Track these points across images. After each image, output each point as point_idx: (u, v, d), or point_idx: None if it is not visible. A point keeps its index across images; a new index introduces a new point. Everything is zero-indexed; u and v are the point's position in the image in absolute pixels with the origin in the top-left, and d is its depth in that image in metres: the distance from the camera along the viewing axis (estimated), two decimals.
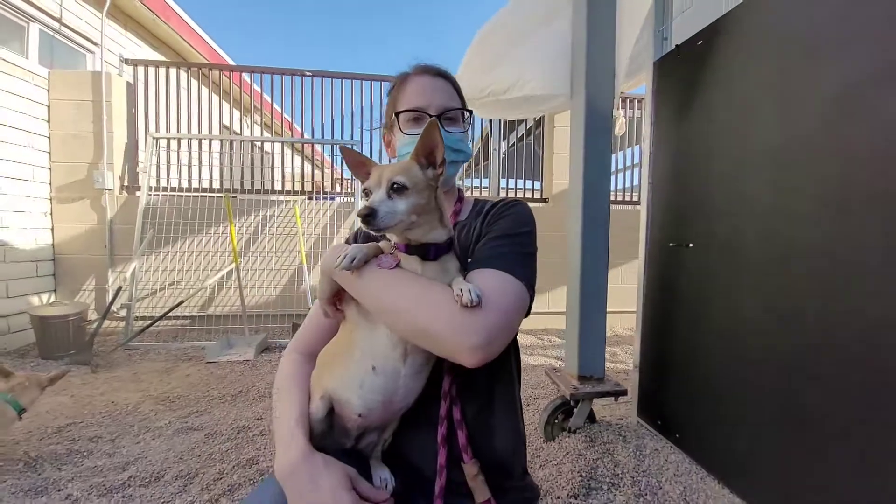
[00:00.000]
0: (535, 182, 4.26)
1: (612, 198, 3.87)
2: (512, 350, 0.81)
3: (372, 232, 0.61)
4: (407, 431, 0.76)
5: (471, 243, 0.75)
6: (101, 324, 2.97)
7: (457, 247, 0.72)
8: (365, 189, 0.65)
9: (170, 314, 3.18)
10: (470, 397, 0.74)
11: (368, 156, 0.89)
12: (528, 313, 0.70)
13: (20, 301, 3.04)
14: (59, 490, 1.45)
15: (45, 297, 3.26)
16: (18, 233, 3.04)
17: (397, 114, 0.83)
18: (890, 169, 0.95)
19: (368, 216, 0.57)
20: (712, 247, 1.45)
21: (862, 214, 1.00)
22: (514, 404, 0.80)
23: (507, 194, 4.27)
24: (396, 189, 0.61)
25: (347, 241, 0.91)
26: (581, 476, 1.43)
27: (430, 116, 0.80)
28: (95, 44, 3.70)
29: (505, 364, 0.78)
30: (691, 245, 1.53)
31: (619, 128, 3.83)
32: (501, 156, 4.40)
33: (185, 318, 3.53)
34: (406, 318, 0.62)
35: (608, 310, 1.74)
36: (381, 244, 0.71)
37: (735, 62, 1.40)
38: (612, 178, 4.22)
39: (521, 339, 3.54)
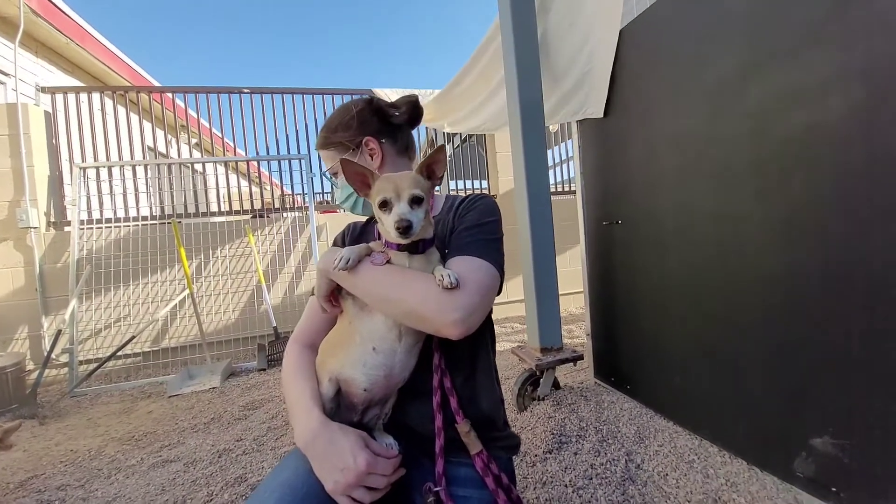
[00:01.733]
0: (481, 181, 4.48)
1: (552, 190, 4.22)
2: (487, 325, 0.95)
3: (404, 241, 0.72)
4: (405, 402, 0.88)
5: (446, 235, 0.88)
6: (43, 372, 2.75)
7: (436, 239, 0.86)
8: (385, 200, 0.72)
9: (119, 353, 3.00)
10: (456, 368, 0.87)
11: (319, 168, 1.04)
12: (500, 290, 0.84)
13: None
14: None
15: None
16: None
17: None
18: (761, 147, 1.22)
19: (409, 228, 0.69)
20: (636, 221, 1.71)
21: (742, 184, 1.27)
22: (491, 371, 0.94)
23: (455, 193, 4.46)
24: (416, 201, 0.72)
25: (336, 243, 1.02)
26: (552, 434, 1.61)
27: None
28: (7, 74, 3.40)
29: (482, 338, 0.92)
30: (620, 221, 1.78)
31: (553, 127, 4.17)
32: (448, 158, 4.60)
33: (136, 355, 3.34)
34: (399, 304, 0.74)
35: (560, 292, 1.95)
36: (372, 244, 0.83)
37: (639, 64, 1.66)
38: (552, 171, 4.57)
39: None
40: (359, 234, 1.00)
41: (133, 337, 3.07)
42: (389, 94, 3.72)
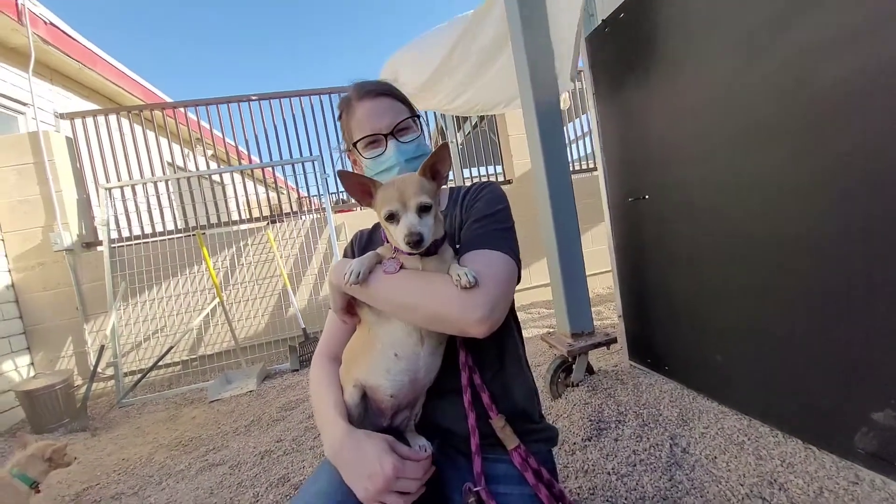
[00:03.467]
0: (495, 167, 4.40)
1: (571, 167, 4.09)
2: (510, 317, 0.92)
3: (415, 252, 0.68)
4: (436, 402, 0.86)
5: (455, 230, 0.84)
6: (91, 386, 2.89)
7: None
8: (391, 213, 0.68)
9: (160, 363, 3.12)
10: (484, 364, 0.84)
11: (332, 167, 0.97)
12: (519, 279, 0.80)
13: (2, 380, 2.90)
14: None
15: (24, 371, 3.12)
16: None
17: (355, 143, 0.89)
18: (797, 102, 1.12)
19: (419, 241, 0.65)
20: (665, 194, 1.62)
21: (780, 143, 1.17)
22: (521, 362, 0.91)
23: (469, 182, 4.40)
24: (423, 209, 0.68)
25: (346, 254, 0.99)
26: (590, 421, 1.57)
27: (385, 136, 0.87)
28: (25, 104, 3.53)
29: (507, 329, 0.89)
30: (647, 197, 1.70)
31: (564, 102, 4.03)
32: (459, 146, 4.52)
33: (175, 364, 3.47)
34: (419, 311, 0.71)
35: (587, 273, 1.89)
36: (380, 250, 0.80)
37: (656, 29, 1.55)
38: (569, 148, 4.43)
39: None
40: (366, 243, 0.97)
41: (171, 347, 3.19)
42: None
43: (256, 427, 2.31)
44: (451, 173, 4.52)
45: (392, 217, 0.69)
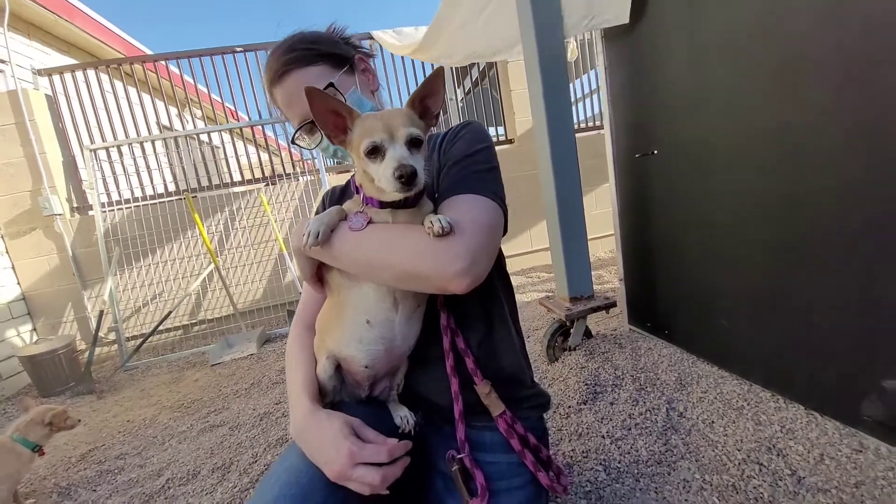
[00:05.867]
0: (497, 127, 4.20)
1: (576, 126, 3.89)
2: (497, 277, 0.84)
3: (407, 193, 0.57)
4: (418, 371, 0.81)
5: (433, 178, 0.74)
6: (93, 351, 2.92)
7: None
8: (375, 145, 0.56)
9: (160, 327, 3.14)
10: (469, 327, 0.78)
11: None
12: (505, 228, 0.71)
13: (4, 346, 2.94)
14: None
15: (26, 336, 3.15)
16: None
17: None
18: (836, 34, 0.98)
19: (413, 176, 0.53)
20: (676, 149, 1.50)
21: (813, 84, 1.05)
22: (509, 323, 0.83)
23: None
24: (414, 142, 0.57)
25: (316, 213, 0.90)
26: (586, 384, 1.55)
27: (312, 122, 0.75)
28: (3, 61, 3.33)
29: (493, 288, 0.81)
30: (655, 152, 1.58)
31: (571, 53, 3.76)
32: (459, 105, 4.30)
33: (177, 328, 3.49)
34: (389, 269, 0.62)
35: (589, 237, 1.80)
36: (346, 205, 0.71)
37: None
38: (574, 107, 4.20)
39: (513, 281, 3.65)
40: (338, 199, 0.87)
41: (170, 312, 3.19)
42: (385, 37, 3.41)
43: (256, 389, 2.34)
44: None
45: (375, 151, 0.57)
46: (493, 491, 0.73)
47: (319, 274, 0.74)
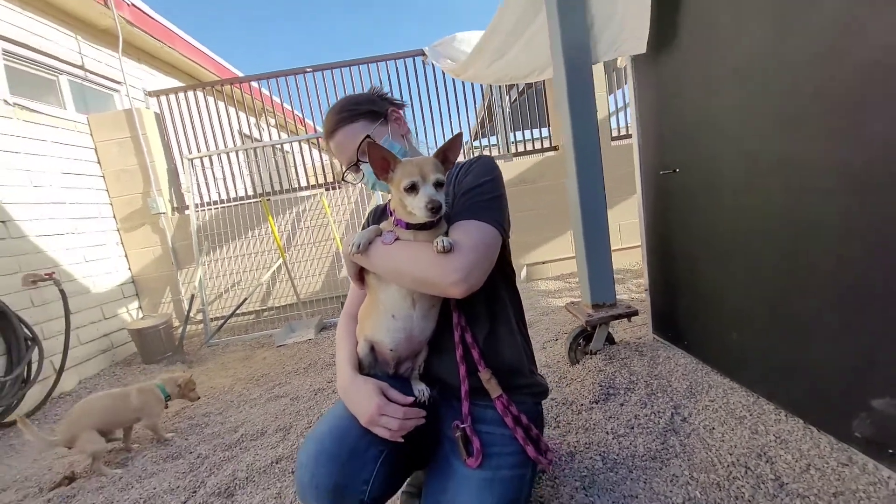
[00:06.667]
0: (541, 130, 4.28)
1: (616, 133, 3.87)
2: (502, 284, 1.03)
3: (433, 218, 0.80)
4: (435, 357, 1.03)
5: (449, 206, 0.94)
6: (185, 328, 3.49)
7: None
8: (413, 184, 0.79)
9: (237, 312, 3.65)
10: (477, 325, 0.98)
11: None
12: (504, 246, 0.91)
13: (116, 320, 3.60)
14: (190, 452, 1.86)
15: (134, 313, 3.82)
16: (101, 263, 3.56)
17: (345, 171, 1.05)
18: (835, 75, 1.05)
19: (439, 208, 0.77)
20: (694, 169, 1.57)
21: (811, 121, 1.11)
22: (512, 324, 1.03)
23: (515, 148, 4.32)
24: (439, 184, 0.80)
25: (364, 226, 1.16)
26: (601, 386, 1.67)
27: (356, 164, 1.00)
28: (118, 82, 4.04)
29: (496, 295, 1.01)
30: (677, 170, 1.65)
31: (621, 60, 3.77)
32: (507, 111, 4.44)
33: (250, 313, 4.02)
34: (408, 275, 0.85)
35: (622, 245, 1.90)
36: (382, 225, 0.95)
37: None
38: (616, 115, 4.17)
39: (549, 285, 3.75)
40: (380, 215, 1.12)
41: (245, 299, 3.70)
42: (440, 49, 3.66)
43: (313, 369, 2.69)
44: (497, 138, 4.50)
45: (412, 188, 0.80)
46: (486, 454, 0.93)
47: (362, 275, 0.99)
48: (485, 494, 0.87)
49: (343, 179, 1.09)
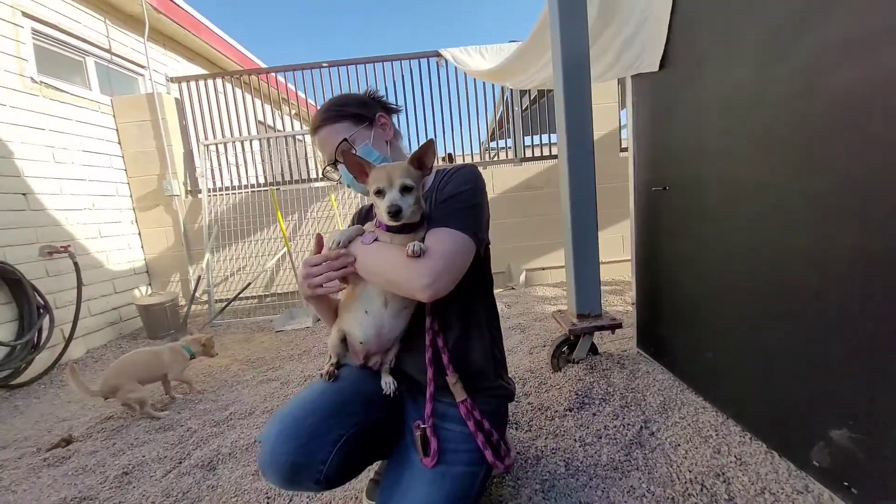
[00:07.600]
0: (549, 136, 4.29)
1: (625, 145, 3.85)
2: (477, 292, 1.07)
3: (395, 223, 0.85)
4: (405, 356, 1.08)
5: (430, 212, 0.98)
6: (190, 307, 3.61)
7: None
8: (379, 189, 0.85)
9: (241, 295, 3.76)
10: (449, 328, 1.03)
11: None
12: (484, 252, 0.97)
13: (126, 295, 3.75)
14: (181, 426, 1.94)
15: (143, 289, 3.97)
16: (115, 240, 3.71)
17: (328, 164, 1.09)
18: (809, 108, 1.06)
19: (398, 213, 0.82)
20: (682, 188, 1.59)
21: (786, 150, 1.12)
22: (484, 329, 1.07)
23: (530, 152, 4.32)
24: (405, 189, 0.85)
25: (353, 222, 1.21)
26: (577, 395, 1.70)
27: (334, 163, 1.04)
28: (143, 66, 4.18)
29: (469, 301, 1.05)
30: (668, 188, 1.67)
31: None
32: (522, 114, 4.45)
33: (253, 297, 4.13)
34: (381, 275, 0.90)
35: (617, 258, 1.93)
36: (365, 226, 1.00)
37: (691, 9, 1.46)
38: (626, 128, 4.15)
39: (547, 291, 3.77)
40: (365, 214, 1.17)
41: (249, 283, 3.81)
42: (456, 54, 3.70)
43: (306, 356, 2.77)
44: (510, 141, 4.51)
45: (380, 193, 0.86)
46: (443, 450, 0.97)
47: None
48: (434, 488, 0.92)
49: (324, 176, 1.14)
